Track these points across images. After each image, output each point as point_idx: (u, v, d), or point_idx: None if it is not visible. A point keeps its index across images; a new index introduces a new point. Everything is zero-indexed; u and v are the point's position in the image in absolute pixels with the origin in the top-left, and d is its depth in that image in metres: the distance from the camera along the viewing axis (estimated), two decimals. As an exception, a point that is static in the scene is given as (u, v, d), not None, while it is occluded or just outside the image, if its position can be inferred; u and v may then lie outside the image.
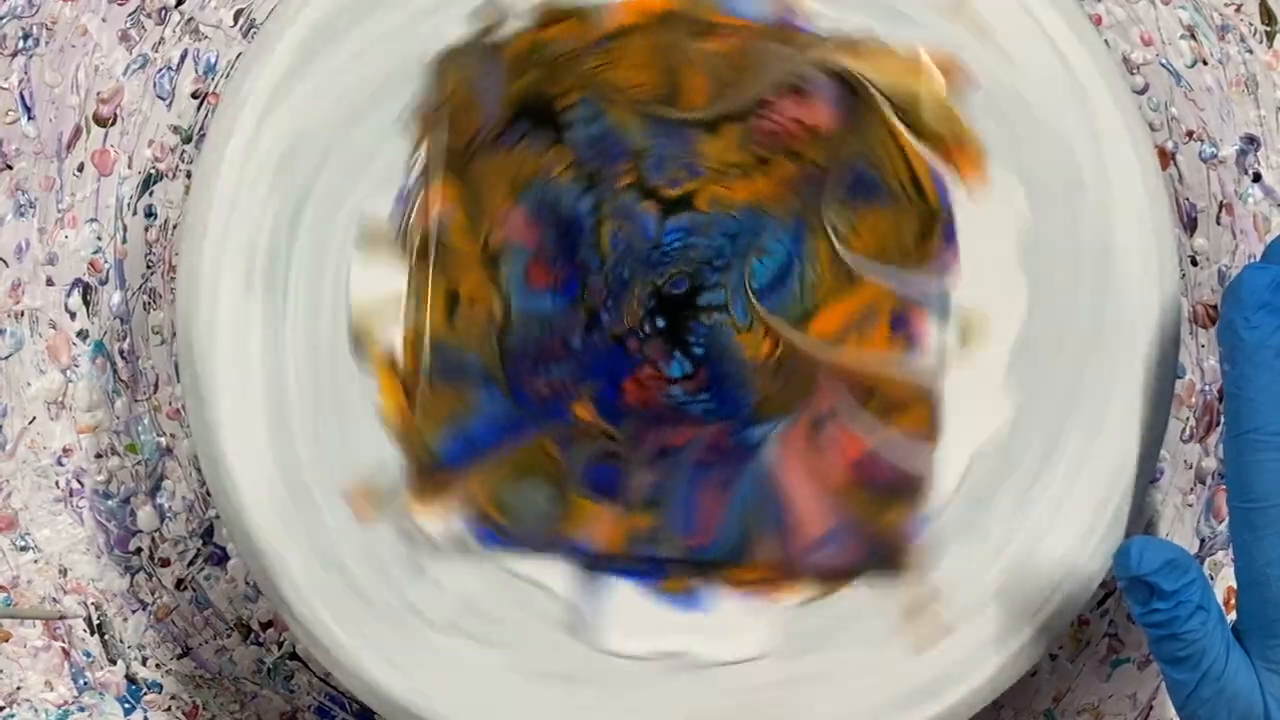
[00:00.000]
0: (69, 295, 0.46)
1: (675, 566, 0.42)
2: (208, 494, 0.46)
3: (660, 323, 0.42)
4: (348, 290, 0.41)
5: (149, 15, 0.46)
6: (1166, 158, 0.46)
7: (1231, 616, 0.40)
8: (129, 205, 0.46)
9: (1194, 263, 0.46)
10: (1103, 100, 0.42)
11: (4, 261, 0.46)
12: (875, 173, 0.42)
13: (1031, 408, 0.42)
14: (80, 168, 0.46)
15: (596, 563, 0.42)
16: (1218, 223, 0.46)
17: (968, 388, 0.42)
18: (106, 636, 0.46)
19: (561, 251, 0.42)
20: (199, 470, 0.46)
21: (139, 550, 0.46)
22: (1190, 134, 0.46)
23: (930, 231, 0.42)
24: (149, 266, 0.46)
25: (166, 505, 0.46)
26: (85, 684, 0.46)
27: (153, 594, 0.46)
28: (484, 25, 0.41)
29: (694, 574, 0.42)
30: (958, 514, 0.42)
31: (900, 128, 0.41)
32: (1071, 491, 0.42)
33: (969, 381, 0.42)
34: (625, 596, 0.42)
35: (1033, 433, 0.42)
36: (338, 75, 0.41)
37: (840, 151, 0.42)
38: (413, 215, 0.41)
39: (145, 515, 0.46)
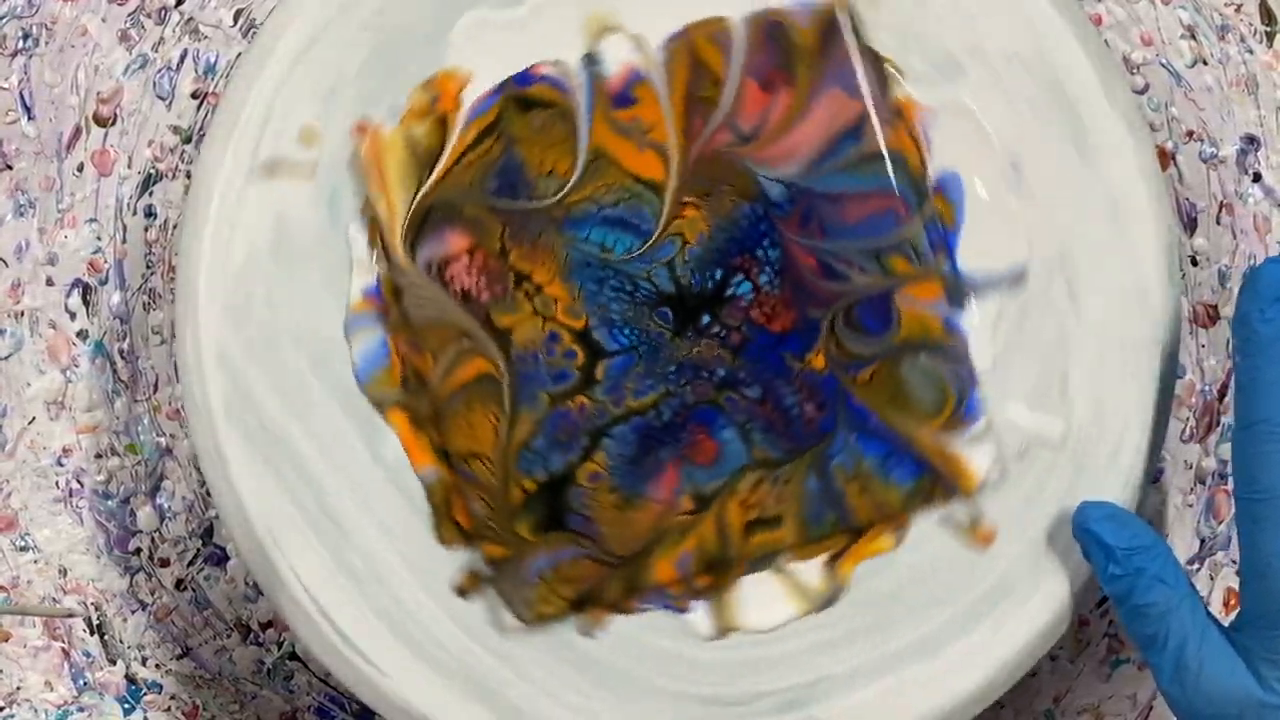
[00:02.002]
0: (69, 295, 0.46)
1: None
2: (207, 494, 0.46)
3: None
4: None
5: (149, 15, 0.46)
6: (1166, 158, 0.46)
7: (1229, 617, 0.40)
8: (129, 205, 0.46)
9: (1194, 263, 0.46)
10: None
11: (4, 261, 0.46)
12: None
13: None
14: (80, 168, 0.46)
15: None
16: (1218, 223, 0.46)
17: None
18: (106, 636, 0.46)
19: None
20: (198, 470, 0.46)
21: (139, 550, 0.46)
22: (1190, 134, 0.46)
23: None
24: (149, 266, 0.46)
25: (166, 505, 0.46)
26: (85, 684, 0.46)
27: (152, 594, 0.46)
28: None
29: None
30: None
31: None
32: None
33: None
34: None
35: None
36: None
37: None
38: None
39: (145, 515, 0.46)
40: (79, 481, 0.46)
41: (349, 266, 0.41)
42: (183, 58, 0.46)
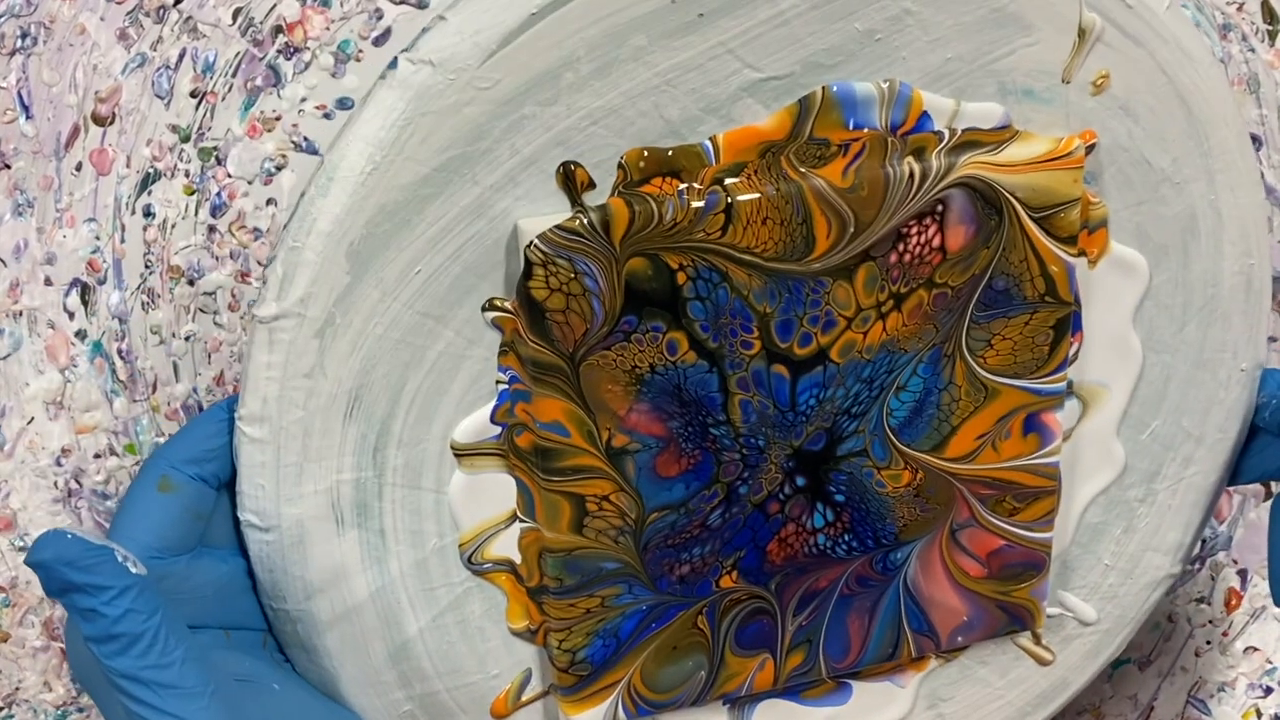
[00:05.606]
0: (67, 295, 0.46)
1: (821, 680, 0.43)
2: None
3: (800, 481, 0.40)
4: (452, 512, 0.39)
5: (147, 14, 0.46)
6: (1168, 157, 0.46)
7: (1231, 617, 0.40)
8: (127, 205, 0.46)
9: (1195, 262, 0.46)
10: (1223, 141, 0.40)
11: (2, 261, 0.46)
12: (1012, 284, 0.39)
13: (1136, 454, 0.43)
14: (78, 167, 0.46)
15: (749, 700, 0.42)
16: (1219, 222, 0.46)
17: (1081, 448, 0.42)
18: (105, 636, 0.46)
19: (690, 437, 0.38)
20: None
21: (138, 550, 0.46)
22: (1192, 133, 0.46)
23: (1064, 330, 0.40)
24: (147, 266, 0.46)
25: (165, 505, 0.46)
26: (84, 684, 0.47)
27: (152, 594, 0.46)
28: (569, 196, 0.36)
29: (838, 678, 0.43)
30: (1071, 558, 0.43)
31: (1038, 234, 0.38)
32: (1162, 521, 0.43)
33: (1083, 443, 0.42)
34: (772, 709, 0.43)
35: (1135, 476, 0.43)
36: (402, 283, 0.35)
37: (977, 270, 0.38)
38: (514, 430, 0.38)
39: (144, 515, 0.46)
40: (78, 481, 0.46)
41: None
42: (181, 56, 0.46)
